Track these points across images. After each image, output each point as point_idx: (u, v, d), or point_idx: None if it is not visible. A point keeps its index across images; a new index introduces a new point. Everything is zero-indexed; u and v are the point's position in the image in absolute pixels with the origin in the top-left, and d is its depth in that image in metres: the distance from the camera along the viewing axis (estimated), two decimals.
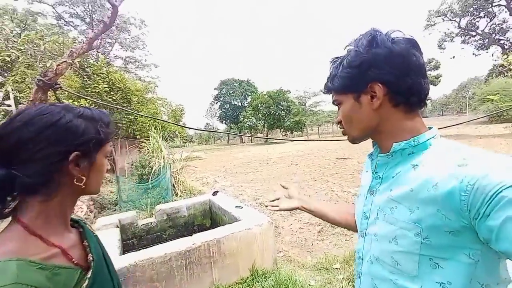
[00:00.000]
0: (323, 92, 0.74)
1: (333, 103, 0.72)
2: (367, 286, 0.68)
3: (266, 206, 1.02)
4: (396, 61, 0.58)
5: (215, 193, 4.07)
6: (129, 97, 9.43)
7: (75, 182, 0.57)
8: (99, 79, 8.43)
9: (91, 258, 0.61)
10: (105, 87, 8.42)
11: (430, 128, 0.64)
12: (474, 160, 0.50)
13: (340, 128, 0.73)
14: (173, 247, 2.25)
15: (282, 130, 36.74)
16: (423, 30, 23.66)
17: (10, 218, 0.54)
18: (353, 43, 0.64)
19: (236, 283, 2.44)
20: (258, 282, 2.43)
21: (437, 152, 0.57)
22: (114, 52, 24.22)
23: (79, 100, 7.70)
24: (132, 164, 8.10)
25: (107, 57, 19.49)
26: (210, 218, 3.96)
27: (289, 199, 0.98)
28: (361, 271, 0.70)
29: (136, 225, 3.51)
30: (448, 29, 24.22)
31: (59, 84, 3.01)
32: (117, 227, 3.14)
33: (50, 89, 3.01)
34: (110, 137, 0.64)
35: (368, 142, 0.75)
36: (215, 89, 47.25)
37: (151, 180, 6.61)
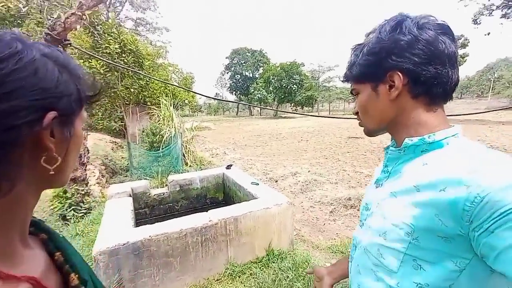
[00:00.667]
0: (342, 81, 0.71)
1: (351, 92, 0.69)
2: (354, 271, 0.69)
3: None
4: (419, 48, 0.53)
5: (228, 167, 3.96)
6: (141, 61, 9.08)
7: (42, 164, 0.33)
8: (110, 39, 8.07)
9: (76, 281, 0.39)
10: (116, 48, 8.08)
11: (452, 125, 0.59)
12: (488, 168, 0.46)
13: (357, 119, 0.70)
14: (189, 223, 2.17)
15: (292, 104, 35.97)
16: (458, 1, 20.66)
17: None
18: (377, 29, 0.60)
19: (252, 262, 2.39)
20: (274, 262, 2.37)
21: (452, 153, 0.53)
22: (125, 12, 23.20)
23: (90, 60, 7.44)
24: (143, 131, 8.02)
25: (117, 17, 18.69)
26: (223, 192, 3.90)
27: (319, 283, 0.88)
28: (353, 256, 0.71)
29: (149, 194, 3.46)
30: (489, 0, 20.87)
31: (68, 40, 2.77)
32: (130, 196, 3.09)
33: (59, 45, 2.78)
34: (93, 95, 0.41)
35: None
36: (226, 58, 45.74)
37: (162, 148, 6.55)
